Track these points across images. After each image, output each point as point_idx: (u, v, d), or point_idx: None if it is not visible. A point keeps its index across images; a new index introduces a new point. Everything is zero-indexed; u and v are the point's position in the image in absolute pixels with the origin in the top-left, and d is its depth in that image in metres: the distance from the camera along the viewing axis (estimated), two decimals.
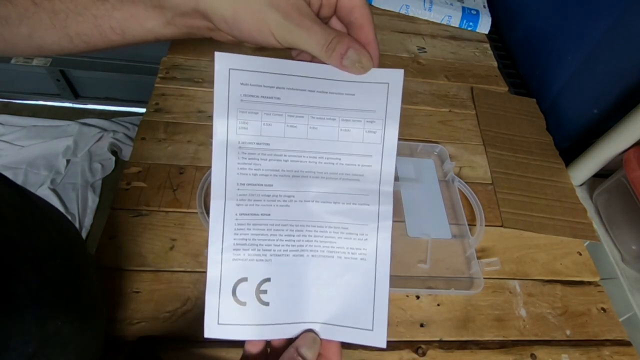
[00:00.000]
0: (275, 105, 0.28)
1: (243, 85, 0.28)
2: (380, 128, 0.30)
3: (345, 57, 0.28)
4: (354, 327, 0.29)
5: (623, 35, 0.65)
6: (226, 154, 0.28)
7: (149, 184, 0.57)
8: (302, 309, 0.29)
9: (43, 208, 0.35)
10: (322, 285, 0.29)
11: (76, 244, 0.37)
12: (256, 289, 0.28)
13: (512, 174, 0.68)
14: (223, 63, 0.29)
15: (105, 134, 1.44)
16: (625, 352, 0.53)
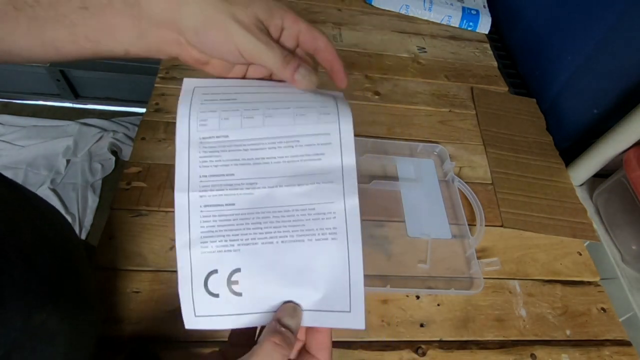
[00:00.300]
0: (232, 103, 0.30)
1: (204, 94, 0.31)
2: (334, 107, 0.31)
3: (297, 72, 0.31)
4: (330, 311, 0.28)
5: (623, 35, 0.65)
6: (188, 149, 0.29)
7: (149, 184, 0.57)
8: (277, 298, 0.28)
9: (34, 202, 0.35)
10: (296, 272, 0.28)
11: (68, 239, 0.36)
12: (227, 280, 0.28)
13: (512, 174, 0.68)
14: (189, 84, 0.31)
15: (105, 134, 1.44)
16: (625, 352, 0.53)
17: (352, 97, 0.74)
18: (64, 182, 1.31)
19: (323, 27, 0.85)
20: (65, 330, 0.31)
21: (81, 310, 0.34)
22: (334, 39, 0.84)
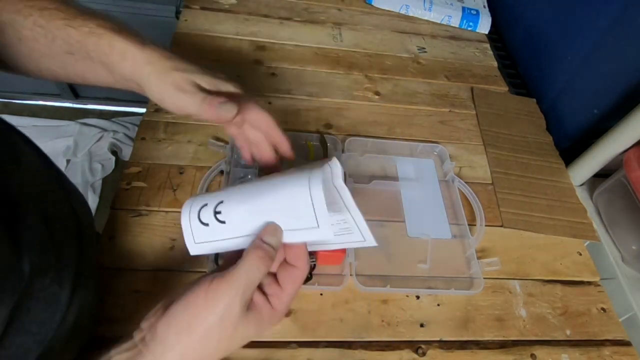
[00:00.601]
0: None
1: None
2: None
3: (217, 106, 0.37)
4: (303, 229, 0.33)
5: (623, 35, 0.65)
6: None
7: (149, 184, 0.57)
8: (256, 222, 0.33)
9: (63, 181, 0.40)
10: (270, 201, 0.33)
11: (83, 218, 0.40)
12: (213, 211, 0.34)
13: (512, 174, 0.68)
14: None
15: (105, 134, 1.44)
16: (625, 352, 0.53)
17: (352, 97, 0.74)
18: None
19: (323, 27, 0.85)
20: (62, 300, 0.33)
21: (82, 285, 0.36)
22: (334, 39, 0.84)
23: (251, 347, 0.47)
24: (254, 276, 0.31)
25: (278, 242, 0.33)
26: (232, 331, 0.31)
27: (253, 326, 0.32)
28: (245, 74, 0.73)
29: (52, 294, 0.32)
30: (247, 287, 0.31)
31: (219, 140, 0.62)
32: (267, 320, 0.33)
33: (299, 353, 0.47)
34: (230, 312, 0.30)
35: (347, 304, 0.51)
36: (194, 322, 0.30)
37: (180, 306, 0.31)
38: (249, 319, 0.32)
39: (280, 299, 0.33)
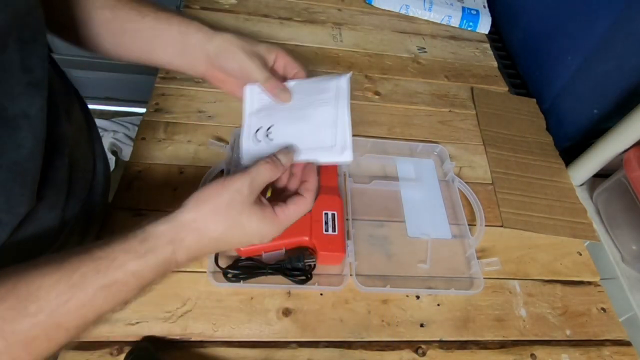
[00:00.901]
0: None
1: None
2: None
3: (277, 88, 0.47)
4: (323, 147, 0.45)
5: (623, 35, 0.65)
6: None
7: (149, 184, 0.57)
8: (294, 141, 0.45)
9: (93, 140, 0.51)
10: (306, 128, 0.46)
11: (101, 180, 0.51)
12: (265, 132, 0.47)
13: (512, 174, 0.68)
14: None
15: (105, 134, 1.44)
16: (625, 352, 0.53)
17: (353, 97, 0.74)
18: None
19: (323, 27, 0.86)
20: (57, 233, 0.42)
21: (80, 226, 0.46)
22: (334, 39, 0.84)
23: (251, 347, 0.47)
24: (262, 174, 0.39)
25: (287, 160, 0.42)
26: (238, 214, 0.37)
27: (256, 220, 0.38)
28: None
29: (50, 227, 0.40)
30: (254, 180, 0.38)
31: (219, 140, 0.62)
32: (268, 221, 0.38)
33: (299, 353, 0.47)
34: (239, 195, 0.37)
35: (347, 304, 0.51)
36: (209, 197, 0.37)
37: (201, 190, 0.38)
38: (254, 210, 0.38)
39: (283, 211, 0.40)
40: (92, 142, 0.50)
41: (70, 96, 0.46)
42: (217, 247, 0.39)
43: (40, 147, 0.35)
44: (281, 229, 0.40)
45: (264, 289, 0.51)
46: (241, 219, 0.37)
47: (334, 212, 0.54)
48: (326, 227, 0.52)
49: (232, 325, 0.48)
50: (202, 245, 0.36)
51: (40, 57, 0.34)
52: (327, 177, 0.58)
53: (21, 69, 0.32)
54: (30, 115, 0.33)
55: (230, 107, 0.67)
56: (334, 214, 0.53)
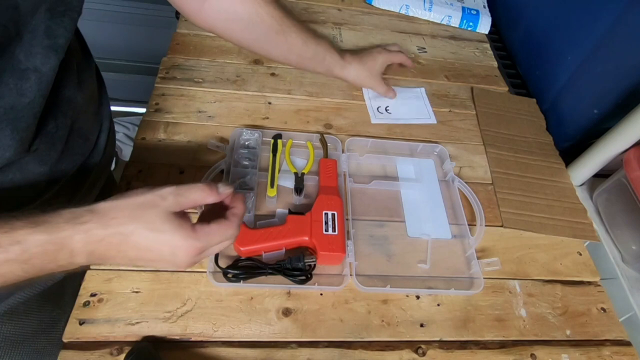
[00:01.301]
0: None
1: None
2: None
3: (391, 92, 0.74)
4: (422, 117, 0.73)
5: (623, 35, 0.65)
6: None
7: (149, 184, 0.57)
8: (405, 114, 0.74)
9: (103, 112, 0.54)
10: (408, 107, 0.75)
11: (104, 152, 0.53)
12: (385, 108, 0.74)
13: (512, 174, 0.68)
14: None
15: None
16: (625, 352, 0.53)
17: (352, 96, 0.74)
18: None
19: (323, 27, 0.85)
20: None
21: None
22: (334, 39, 0.84)
23: (251, 347, 0.47)
24: (193, 192, 0.37)
25: (225, 190, 0.39)
26: (153, 216, 0.35)
27: (170, 228, 0.35)
28: (245, 74, 0.73)
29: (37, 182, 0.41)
30: (182, 194, 0.37)
31: (219, 140, 0.62)
32: (183, 233, 0.36)
33: (299, 353, 0.47)
34: (161, 200, 0.36)
35: (347, 304, 0.51)
36: (131, 194, 0.36)
37: (129, 192, 0.37)
38: (171, 217, 0.35)
39: (202, 228, 0.37)
40: (100, 117, 0.53)
41: (89, 71, 0.49)
42: (123, 249, 0.35)
43: (41, 101, 0.37)
44: (198, 247, 0.37)
45: (264, 289, 0.51)
46: (155, 222, 0.35)
47: (334, 212, 0.54)
48: (326, 227, 0.52)
49: (232, 325, 0.48)
50: (104, 238, 0.34)
51: (66, 29, 0.37)
52: (327, 177, 0.58)
53: (45, 34, 0.35)
54: (41, 71, 0.36)
55: (230, 107, 0.67)
56: (334, 214, 0.53)
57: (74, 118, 0.44)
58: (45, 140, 0.41)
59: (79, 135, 0.46)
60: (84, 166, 0.49)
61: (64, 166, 0.45)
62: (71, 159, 0.46)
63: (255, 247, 0.50)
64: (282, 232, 0.51)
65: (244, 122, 0.66)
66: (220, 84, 0.70)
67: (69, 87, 0.43)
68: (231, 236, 0.39)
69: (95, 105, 0.52)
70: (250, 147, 0.61)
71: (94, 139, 0.51)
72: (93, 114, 0.51)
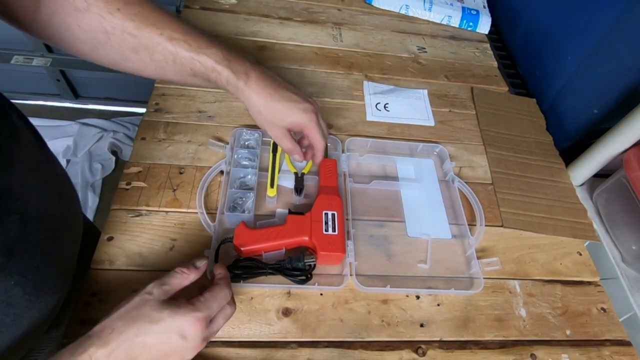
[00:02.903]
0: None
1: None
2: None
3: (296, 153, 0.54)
4: (420, 118, 0.72)
5: (623, 35, 0.65)
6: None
7: (149, 184, 0.57)
8: (403, 113, 0.73)
9: (57, 174, 0.42)
10: (408, 106, 0.74)
11: (69, 216, 0.42)
12: (384, 105, 0.73)
13: (512, 174, 0.68)
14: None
15: (105, 134, 1.44)
16: (625, 352, 0.53)
17: (352, 96, 0.74)
18: None
19: (323, 27, 0.85)
20: (23, 305, 0.35)
21: (46, 291, 0.38)
22: (334, 39, 0.84)
23: (251, 347, 0.47)
24: (174, 278, 0.40)
25: (203, 265, 0.43)
26: (150, 311, 0.36)
27: (169, 313, 0.37)
28: None
29: (12, 297, 0.33)
30: (165, 282, 0.39)
31: (219, 140, 0.62)
32: (182, 311, 0.37)
33: (299, 353, 0.47)
34: (149, 296, 0.37)
35: (347, 304, 0.51)
36: (122, 304, 0.37)
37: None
38: (165, 305, 0.37)
39: (198, 299, 0.39)
40: (53, 176, 0.40)
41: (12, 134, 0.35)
42: (135, 356, 0.35)
43: None
44: (200, 317, 0.38)
45: (264, 289, 0.51)
46: (152, 315, 0.36)
47: (334, 212, 0.54)
48: (326, 227, 0.52)
49: (232, 325, 0.48)
50: (110, 354, 0.34)
51: None
52: (327, 177, 0.58)
53: None
54: None
55: (230, 107, 0.67)
56: (334, 214, 0.53)
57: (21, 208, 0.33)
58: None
59: (38, 220, 0.35)
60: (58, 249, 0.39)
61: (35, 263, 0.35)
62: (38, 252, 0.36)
63: (255, 247, 0.50)
64: (282, 232, 0.51)
65: (244, 122, 0.66)
66: None
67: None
68: (226, 296, 0.41)
69: (41, 170, 0.39)
70: (250, 147, 0.61)
71: (57, 211, 0.39)
72: (43, 182, 0.38)
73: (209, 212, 0.55)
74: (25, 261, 0.34)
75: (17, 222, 0.33)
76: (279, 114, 0.50)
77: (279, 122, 0.51)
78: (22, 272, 0.34)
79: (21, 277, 0.33)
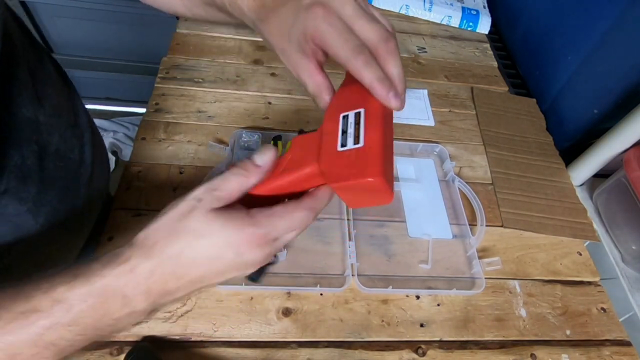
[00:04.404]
0: None
1: None
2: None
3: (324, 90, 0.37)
4: (421, 118, 0.68)
5: (623, 35, 0.65)
6: None
7: (149, 184, 0.57)
8: (404, 113, 0.67)
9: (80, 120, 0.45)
10: (410, 106, 0.68)
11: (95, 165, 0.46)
12: None
13: (512, 174, 0.68)
14: None
15: (105, 134, 1.44)
16: (625, 352, 0.53)
17: None
18: None
19: None
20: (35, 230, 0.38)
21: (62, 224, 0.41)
22: None
23: (251, 347, 0.47)
24: (229, 181, 0.31)
25: (265, 160, 0.32)
26: (198, 223, 0.29)
27: (219, 224, 0.29)
28: (245, 74, 0.73)
29: (23, 222, 0.35)
30: (218, 187, 0.31)
31: (218, 142, 0.62)
32: (238, 223, 0.30)
33: (299, 353, 0.47)
34: (198, 202, 0.30)
35: (347, 304, 0.51)
36: (165, 211, 0.31)
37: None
38: (219, 214, 0.30)
39: (261, 211, 0.30)
40: (77, 129, 0.44)
41: (49, 76, 0.40)
42: (182, 274, 0.30)
43: None
44: (260, 233, 0.30)
45: (264, 289, 0.51)
46: (200, 228, 0.29)
47: (360, 109, 0.31)
48: (344, 140, 0.30)
49: (232, 325, 0.48)
50: (154, 270, 0.29)
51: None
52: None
53: None
54: None
55: (230, 107, 0.67)
56: (360, 113, 0.31)
57: (42, 141, 0.37)
58: (14, 176, 0.34)
59: (56, 158, 0.39)
60: (72, 192, 0.42)
61: (49, 197, 0.38)
62: (53, 187, 0.39)
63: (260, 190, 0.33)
64: (281, 166, 0.33)
65: (244, 122, 0.66)
66: (220, 84, 0.70)
67: (26, 105, 0.34)
68: (301, 221, 0.31)
69: (67, 117, 0.43)
70: (250, 149, 0.61)
71: (77, 157, 0.43)
72: (67, 128, 0.42)
73: None
74: (39, 192, 0.35)
75: (36, 152, 0.35)
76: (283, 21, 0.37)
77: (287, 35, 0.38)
78: (35, 201, 0.34)
79: (33, 205, 0.34)
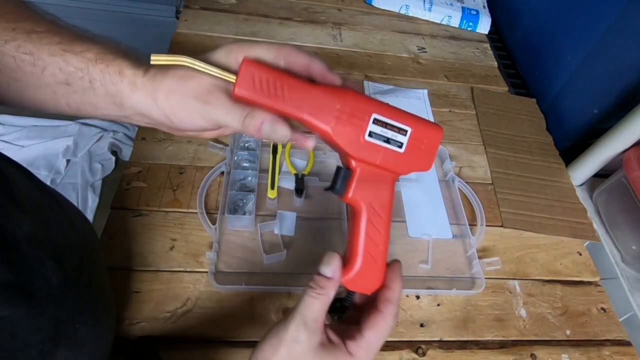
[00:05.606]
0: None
1: None
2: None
3: (261, 130, 0.32)
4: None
5: (623, 35, 0.65)
6: None
7: (149, 184, 0.57)
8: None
9: (61, 202, 0.36)
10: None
11: (91, 243, 0.38)
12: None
13: (512, 174, 0.68)
14: None
15: (105, 134, 1.44)
16: (625, 352, 0.53)
17: None
18: (64, 182, 1.31)
19: (323, 27, 0.85)
20: (91, 338, 0.32)
21: (104, 316, 0.35)
22: (334, 39, 0.84)
23: (251, 348, 0.46)
24: (313, 307, 0.31)
25: (333, 270, 0.32)
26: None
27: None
28: None
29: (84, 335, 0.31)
30: (307, 318, 0.31)
31: (218, 142, 0.62)
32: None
33: None
34: (298, 345, 0.30)
35: None
36: (269, 355, 0.31)
37: (260, 345, 0.32)
38: (320, 352, 0.30)
39: (358, 344, 0.31)
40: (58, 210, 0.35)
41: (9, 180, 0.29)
42: None
43: None
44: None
45: (264, 290, 0.50)
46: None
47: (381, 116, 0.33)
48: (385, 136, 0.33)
49: (232, 326, 0.48)
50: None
51: None
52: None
53: None
54: None
55: None
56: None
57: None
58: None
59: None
60: None
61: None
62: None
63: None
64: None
65: None
66: None
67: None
68: (389, 330, 0.32)
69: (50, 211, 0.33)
70: (250, 149, 0.61)
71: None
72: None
73: (208, 212, 0.55)
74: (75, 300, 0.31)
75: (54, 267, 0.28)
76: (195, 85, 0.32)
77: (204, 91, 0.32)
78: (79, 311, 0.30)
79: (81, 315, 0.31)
